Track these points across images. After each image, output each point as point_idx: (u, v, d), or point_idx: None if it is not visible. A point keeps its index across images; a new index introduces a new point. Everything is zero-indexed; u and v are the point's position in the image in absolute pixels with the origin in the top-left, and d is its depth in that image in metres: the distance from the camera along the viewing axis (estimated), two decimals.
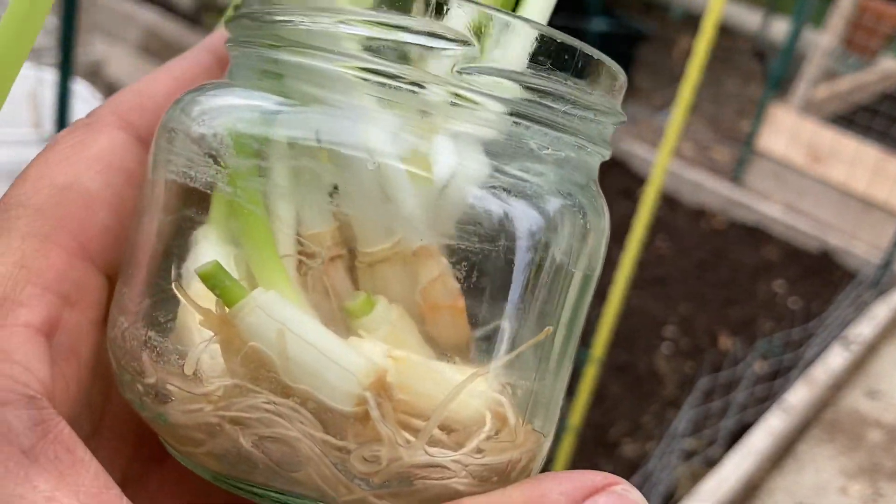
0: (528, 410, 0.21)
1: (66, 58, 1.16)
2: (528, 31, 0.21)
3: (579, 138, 0.22)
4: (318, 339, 0.20)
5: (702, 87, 4.01)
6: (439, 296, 0.21)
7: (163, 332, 0.21)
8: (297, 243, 0.21)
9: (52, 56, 1.29)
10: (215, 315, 0.20)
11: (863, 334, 2.17)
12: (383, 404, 0.19)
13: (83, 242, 0.22)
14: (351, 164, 0.20)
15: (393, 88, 0.20)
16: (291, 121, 0.21)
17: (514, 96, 0.21)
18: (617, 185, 2.85)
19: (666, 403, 1.88)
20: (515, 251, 0.20)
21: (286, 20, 0.21)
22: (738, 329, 2.22)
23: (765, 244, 2.74)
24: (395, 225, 0.21)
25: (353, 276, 0.22)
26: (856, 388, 2.08)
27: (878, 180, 2.84)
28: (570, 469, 1.45)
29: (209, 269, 0.20)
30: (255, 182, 0.21)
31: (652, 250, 2.53)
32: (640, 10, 5.02)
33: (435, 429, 0.20)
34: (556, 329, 0.22)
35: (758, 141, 3.05)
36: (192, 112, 0.21)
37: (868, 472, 1.80)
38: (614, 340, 2.01)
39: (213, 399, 0.20)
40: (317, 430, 0.20)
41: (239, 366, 0.20)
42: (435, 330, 0.21)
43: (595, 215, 0.22)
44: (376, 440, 0.19)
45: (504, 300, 0.21)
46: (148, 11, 2.92)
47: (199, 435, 0.20)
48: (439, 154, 0.20)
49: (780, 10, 4.73)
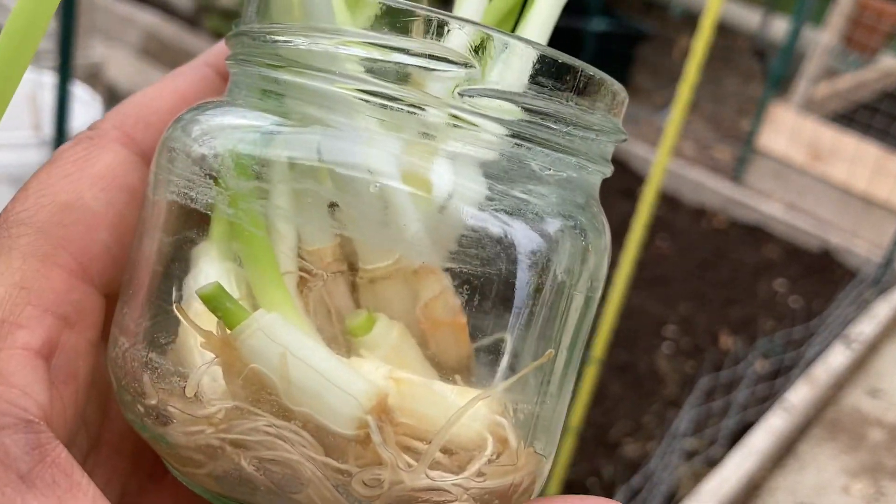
0: (529, 433, 0.21)
1: (66, 61, 1.16)
2: (527, 52, 0.21)
3: (580, 158, 0.22)
4: (320, 362, 0.20)
5: (702, 86, 4.01)
6: (440, 313, 0.21)
7: (163, 354, 0.21)
8: (297, 259, 0.21)
9: (52, 59, 1.29)
10: (216, 337, 0.20)
11: (864, 333, 2.17)
12: (384, 428, 0.19)
13: (84, 263, 0.22)
14: (352, 184, 0.20)
15: (394, 110, 0.20)
16: (292, 141, 0.21)
17: (515, 118, 0.21)
18: (617, 185, 2.85)
19: (667, 403, 1.88)
20: (516, 273, 0.20)
21: (286, 40, 0.21)
22: (738, 328, 2.22)
23: (765, 243, 2.74)
24: (397, 244, 0.21)
25: (353, 292, 0.21)
26: (857, 387, 2.08)
27: (878, 178, 2.84)
28: (569, 468, 1.45)
29: (210, 290, 0.20)
30: (256, 204, 0.21)
31: (652, 250, 2.53)
32: (639, 10, 5.02)
33: (438, 452, 0.20)
34: (558, 352, 0.22)
35: (758, 140, 3.05)
36: (192, 132, 0.21)
37: (870, 471, 1.80)
38: (615, 340, 2.01)
39: (214, 421, 0.20)
40: (318, 452, 0.20)
41: (240, 388, 0.20)
42: (436, 347, 0.21)
43: (595, 234, 0.22)
44: (377, 464, 0.19)
45: (505, 322, 0.21)
46: (147, 14, 2.92)
47: (200, 457, 0.20)
48: (439, 175, 0.20)
49: (780, 8, 4.72)
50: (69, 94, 1.20)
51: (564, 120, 0.21)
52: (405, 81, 0.20)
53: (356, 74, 0.20)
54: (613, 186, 2.84)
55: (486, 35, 0.21)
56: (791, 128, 2.98)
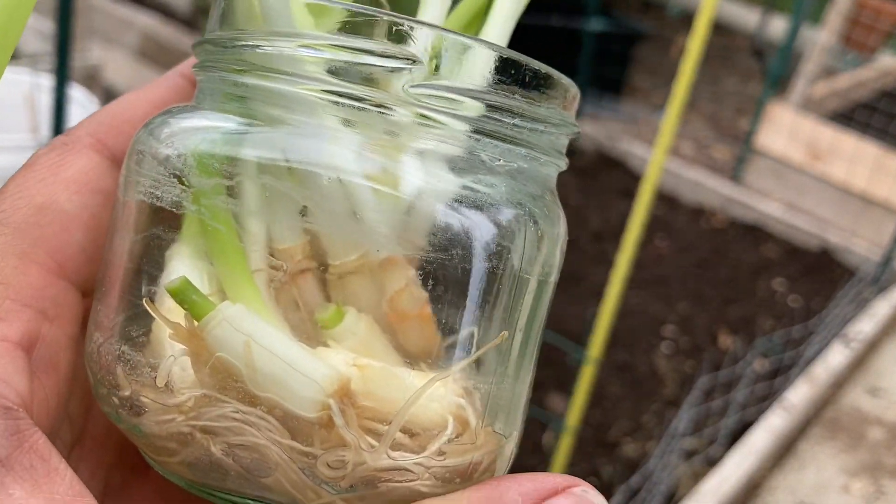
0: (488, 413, 0.22)
1: (63, 63, 1.16)
2: (482, 51, 0.22)
3: (532, 150, 0.23)
4: (283, 349, 0.21)
5: (701, 85, 4.02)
6: (406, 305, 0.22)
7: (136, 347, 0.22)
8: (268, 258, 0.22)
9: (49, 61, 1.29)
10: (184, 328, 0.21)
11: (863, 332, 2.17)
12: (347, 411, 0.20)
13: (60, 261, 0.23)
14: (315, 181, 0.21)
15: (354, 108, 0.21)
16: (256, 140, 0.22)
17: (466, 112, 0.22)
18: (616, 185, 2.85)
19: (666, 403, 1.88)
20: (471, 260, 0.21)
21: (246, 45, 0.22)
22: (738, 327, 2.22)
23: (764, 242, 2.74)
24: (361, 238, 0.21)
25: (325, 288, 0.22)
26: (857, 386, 2.08)
27: (877, 177, 2.84)
28: (567, 468, 1.45)
29: (177, 284, 0.21)
30: (219, 200, 0.21)
31: (651, 249, 2.53)
32: (637, 10, 5.02)
33: (398, 433, 0.20)
34: (514, 333, 0.22)
35: (757, 139, 3.05)
36: (158, 134, 0.22)
37: (870, 470, 1.80)
38: (614, 340, 2.01)
39: (184, 409, 0.21)
40: (284, 437, 0.20)
41: (207, 377, 0.21)
42: (404, 338, 0.22)
43: (548, 223, 0.23)
44: (341, 446, 0.20)
45: (463, 308, 0.21)
46: (145, 16, 2.92)
47: (173, 444, 0.21)
48: (398, 169, 0.21)
49: (779, 7, 4.72)
50: (66, 97, 1.20)
51: (512, 112, 0.22)
52: (368, 81, 0.21)
53: (315, 75, 0.21)
54: (613, 186, 2.85)
55: (440, 36, 0.22)
56: (790, 127, 2.98)
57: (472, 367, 0.22)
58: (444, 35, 0.22)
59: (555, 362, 1.87)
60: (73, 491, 0.19)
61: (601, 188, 2.85)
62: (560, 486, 0.20)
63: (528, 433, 1.67)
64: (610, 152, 3.08)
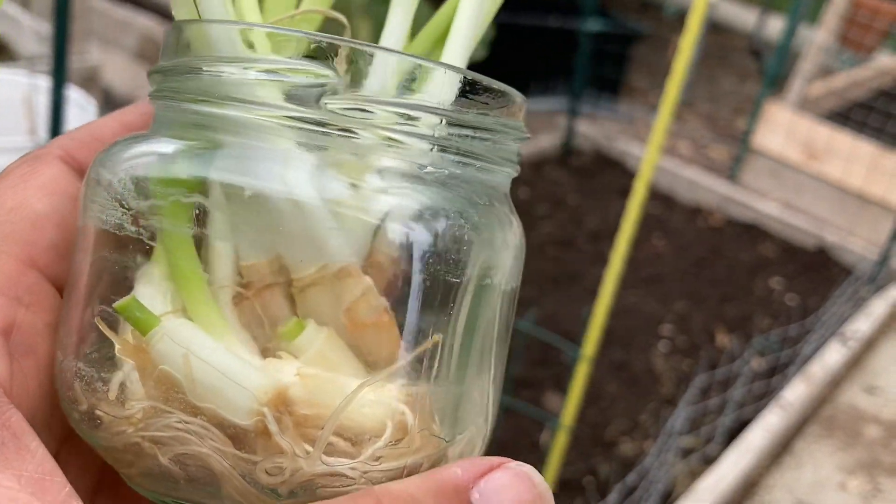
0: (424, 416, 0.22)
1: (60, 65, 1.16)
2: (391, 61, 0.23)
3: (476, 159, 0.24)
4: (220, 360, 0.21)
5: (698, 85, 4.01)
6: (362, 314, 0.22)
7: (91, 363, 0.23)
8: (233, 275, 0.23)
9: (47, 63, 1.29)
10: (131, 344, 0.22)
11: (860, 330, 2.18)
12: (283, 419, 0.21)
13: (32, 255, 0.24)
14: (261, 200, 0.22)
15: (296, 128, 0.22)
16: (200, 163, 0.22)
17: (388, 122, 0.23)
18: (614, 185, 2.86)
19: (663, 401, 1.89)
20: (403, 268, 0.22)
21: (192, 72, 0.23)
22: (734, 326, 2.23)
23: (761, 241, 2.75)
24: (315, 251, 0.22)
25: (292, 302, 0.23)
26: (854, 385, 2.08)
27: (874, 176, 2.85)
28: (564, 467, 1.45)
29: (124, 303, 0.22)
30: (169, 222, 0.22)
31: (648, 248, 2.53)
32: (634, 10, 5.03)
33: (338, 439, 0.21)
34: (452, 338, 0.23)
35: (754, 139, 3.06)
36: (104, 161, 0.24)
37: (867, 468, 1.81)
38: (611, 339, 2.01)
39: (133, 421, 0.22)
40: (226, 445, 0.21)
41: (153, 389, 0.22)
42: (364, 347, 0.22)
43: (490, 229, 0.24)
44: (278, 453, 0.21)
45: (404, 315, 0.22)
46: (144, 17, 2.92)
47: (128, 456, 0.22)
48: (323, 180, 0.22)
49: (776, 7, 4.73)
50: (63, 99, 1.20)
51: (460, 125, 0.23)
52: (314, 101, 0.22)
53: (260, 98, 0.22)
54: (610, 186, 2.85)
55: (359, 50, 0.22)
56: (787, 126, 2.98)
57: (414, 373, 0.22)
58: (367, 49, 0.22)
59: (552, 362, 1.87)
60: (43, 469, 0.20)
61: (599, 188, 2.85)
62: (496, 463, 0.21)
63: (525, 432, 1.68)
64: (608, 152, 3.09)
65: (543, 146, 3.01)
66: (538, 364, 1.86)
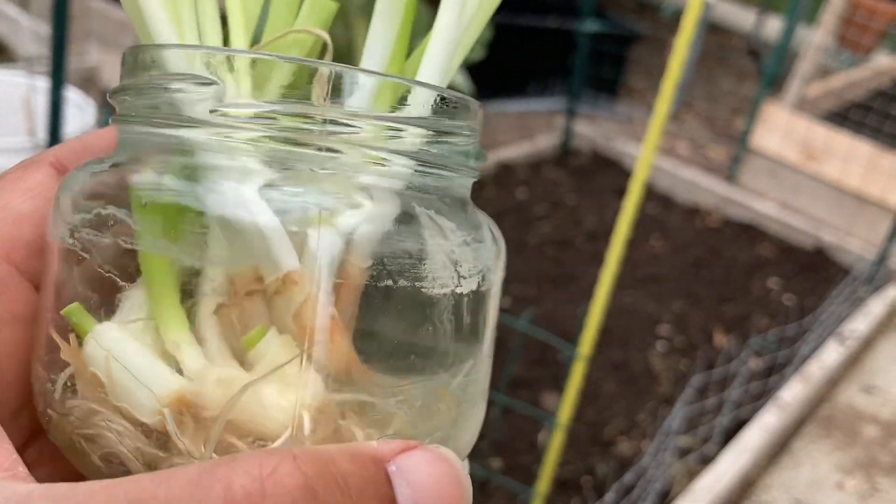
0: (336, 418, 0.23)
1: (58, 66, 1.16)
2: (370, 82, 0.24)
3: (435, 168, 0.25)
4: (134, 363, 0.23)
5: (696, 85, 4.01)
6: (308, 319, 0.23)
7: (47, 367, 0.25)
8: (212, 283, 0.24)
9: (46, 64, 1.30)
10: (70, 347, 0.23)
11: (858, 330, 2.18)
12: (184, 420, 0.22)
13: (8, 250, 0.26)
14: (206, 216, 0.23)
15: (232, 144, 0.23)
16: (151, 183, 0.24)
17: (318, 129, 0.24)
18: (612, 185, 2.86)
19: (661, 401, 1.89)
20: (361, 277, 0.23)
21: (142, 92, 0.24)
22: (732, 326, 2.23)
23: (759, 241, 2.75)
24: (269, 261, 0.23)
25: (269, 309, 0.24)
26: (851, 384, 2.08)
27: (871, 176, 2.85)
28: (561, 466, 1.45)
29: (69, 309, 0.24)
30: (109, 238, 0.24)
31: (647, 249, 2.53)
32: (632, 11, 5.03)
33: (239, 441, 0.22)
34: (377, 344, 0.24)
35: (752, 139, 3.06)
36: (64, 183, 0.25)
37: (864, 468, 1.81)
38: (609, 339, 2.01)
39: (71, 420, 0.23)
40: (144, 444, 0.22)
41: (86, 389, 0.23)
42: (316, 353, 0.23)
43: (442, 236, 0.24)
44: (178, 452, 0.22)
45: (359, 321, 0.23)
46: None
47: (73, 454, 0.24)
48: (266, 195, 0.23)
49: (774, 8, 4.74)
50: (62, 100, 1.21)
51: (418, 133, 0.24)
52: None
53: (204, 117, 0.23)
54: (608, 186, 2.85)
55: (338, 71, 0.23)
56: (784, 127, 2.99)
57: (326, 376, 0.23)
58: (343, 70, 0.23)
59: (549, 362, 1.87)
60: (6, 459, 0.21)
61: (597, 188, 2.85)
62: (414, 445, 0.22)
63: (523, 432, 1.68)
64: (605, 152, 3.09)
65: (541, 146, 3.01)
66: (536, 364, 1.87)
